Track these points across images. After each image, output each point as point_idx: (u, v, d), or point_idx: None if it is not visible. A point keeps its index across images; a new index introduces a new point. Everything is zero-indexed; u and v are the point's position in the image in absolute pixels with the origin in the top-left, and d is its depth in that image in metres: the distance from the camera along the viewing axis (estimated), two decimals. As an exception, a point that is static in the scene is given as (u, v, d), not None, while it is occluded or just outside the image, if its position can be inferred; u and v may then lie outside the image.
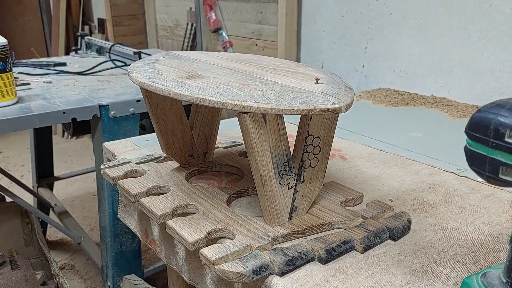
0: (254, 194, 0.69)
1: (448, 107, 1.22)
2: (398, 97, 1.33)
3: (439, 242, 0.59)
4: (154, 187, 0.69)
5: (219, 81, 0.58)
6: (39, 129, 2.02)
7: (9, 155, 3.19)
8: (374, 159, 0.87)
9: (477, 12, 1.22)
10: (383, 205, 0.65)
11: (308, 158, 0.58)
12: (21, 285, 1.30)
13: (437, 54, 1.34)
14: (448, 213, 0.67)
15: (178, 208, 0.63)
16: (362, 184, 0.76)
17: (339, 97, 0.55)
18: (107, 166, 0.77)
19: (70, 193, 2.62)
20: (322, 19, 1.72)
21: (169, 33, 3.03)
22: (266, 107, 0.50)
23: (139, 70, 0.64)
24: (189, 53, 0.80)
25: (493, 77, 1.21)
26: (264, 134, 0.54)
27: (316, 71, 0.69)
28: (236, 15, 2.27)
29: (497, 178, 0.38)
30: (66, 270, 1.95)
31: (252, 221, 0.60)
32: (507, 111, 0.37)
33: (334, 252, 0.55)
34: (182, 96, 0.53)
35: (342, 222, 0.60)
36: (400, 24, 1.43)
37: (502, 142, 0.37)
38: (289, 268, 0.52)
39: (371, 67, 1.56)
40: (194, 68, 0.66)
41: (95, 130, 1.35)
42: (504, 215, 0.66)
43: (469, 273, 0.53)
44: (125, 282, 1.34)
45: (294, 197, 0.59)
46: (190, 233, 0.56)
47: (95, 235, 2.15)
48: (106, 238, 1.41)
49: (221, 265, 0.51)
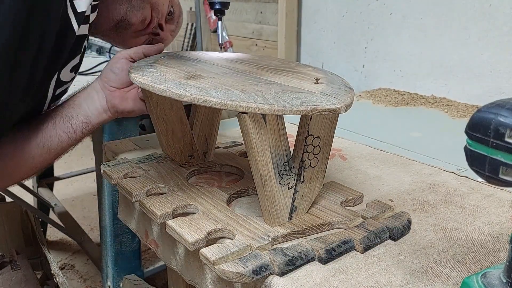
0: (254, 194, 0.69)
1: (448, 107, 1.22)
2: (398, 97, 1.33)
3: (439, 242, 0.59)
4: (154, 187, 0.69)
5: (219, 82, 0.58)
6: (39, 129, 2.01)
7: (9, 155, 3.18)
8: (374, 159, 0.87)
9: (477, 12, 1.22)
10: (383, 205, 0.65)
11: (308, 158, 0.58)
12: (21, 285, 1.30)
13: (437, 54, 1.34)
14: (448, 213, 0.67)
15: (178, 208, 0.63)
16: (362, 184, 0.76)
17: (339, 97, 0.55)
18: (107, 166, 0.77)
19: (70, 193, 2.62)
20: (322, 19, 1.72)
21: (169, 33, 3.03)
22: (266, 107, 0.50)
23: (140, 70, 0.64)
24: (189, 53, 0.80)
25: (493, 77, 1.21)
26: (264, 134, 0.54)
27: (316, 71, 0.69)
28: (236, 15, 2.27)
29: (497, 178, 0.38)
30: (66, 270, 1.95)
31: (252, 221, 0.60)
32: (507, 111, 0.37)
33: (334, 252, 0.55)
34: (182, 96, 0.53)
35: (342, 222, 0.60)
36: (400, 24, 1.43)
37: (502, 142, 0.37)
38: (289, 268, 0.52)
39: (371, 67, 1.56)
40: (194, 68, 0.66)
41: (95, 130, 1.35)
42: (504, 215, 0.66)
43: (469, 273, 0.53)
44: (125, 282, 1.34)
45: (294, 197, 0.59)
46: (190, 233, 0.56)
47: (95, 235, 2.15)
48: (106, 238, 1.41)
49: (221, 265, 0.51)
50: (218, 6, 0.80)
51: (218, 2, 0.80)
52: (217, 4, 0.80)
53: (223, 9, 0.81)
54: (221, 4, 0.80)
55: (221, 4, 0.80)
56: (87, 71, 1.60)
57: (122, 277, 1.40)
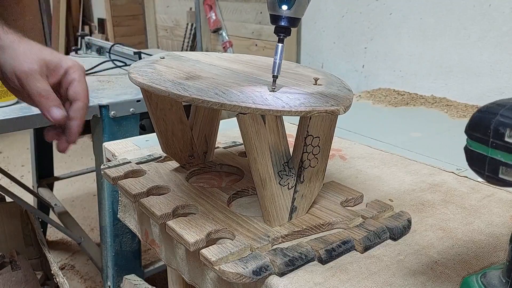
0: (254, 194, 0.69)
1: (448, 107, 1.22)
2: (398, 97, 1.33)
3: (439, 242, 0.59)
4: (154, 187, 0.69)
5: (218, 82, 0.58)
6: (39, 129, 2.02)
7: (9, 155, 3.19)
8: (374, 159, 0.87)
9: (477, 12, 1.22)
10: (383, 205, 0.65)
11: (308, 158, 0.58)
12: (21, 285, 1.30)
13: (437, 54, 1.34)
14: (448, 213, 0.67)
15: (178, 208, 0.63)
16: (362, 184, 0.76)
17: (337, 99, 0.55)
18: (107, 166, 0.77)
19: (70, 193, 2.62)
20: (322, 19, 1.72)
21: (169, 33, 3.04)
22: (264, 108, 0.50)
23: (139, 70, 0.64)
24: (189, 54, 0.80)
25: (493, 77, 1.21)
26: (264, 135, 0.54)
27: (315, 72, 0.69)
28: (236, 15, 2.27)
29: (497, 178, 0.38)
30: (66, 270, 1.95)
31: (252, 221, 0.60)
32: (507, 111, 0.37)
33: (334, 252, 0.55)
34: (181, 97, 0.53)
35: (342, 222, 0.60)
36: (400, 24, 1.43)
37: (502, 142, 0.37)
38: (289, 268, 0.52)
39: (371, 67, 1.56)
40: (193, 69, 0.66)
41: (95, 130, 1.35)
42: (504, 215, 0.66)
43: (469, 273, 0.53)
44: (125, 282, 1.34)
45: (294, 197, 0.59)
46: (190, 234, 0.56)
47: (95, 235, 2.15)
48: (106, 238, 1.41)
49: (221, 266, 0.51)
50: (285, 22, 0.55)
51: (285, 18, 0.55)
52: (283, 20, 0.55)
53: (290, 27, 0.56)
54: (288, 20, 0.55)
55: (288, 20, 0.55)
56: (87, 71, 1.60)
57: (122, 277, 1.40)
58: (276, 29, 0.56)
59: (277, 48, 0.56)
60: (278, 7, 0.54)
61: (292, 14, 0.55)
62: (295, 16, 0.55)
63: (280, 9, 0.54)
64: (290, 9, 0.54)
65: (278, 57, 0.56)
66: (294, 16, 0.55)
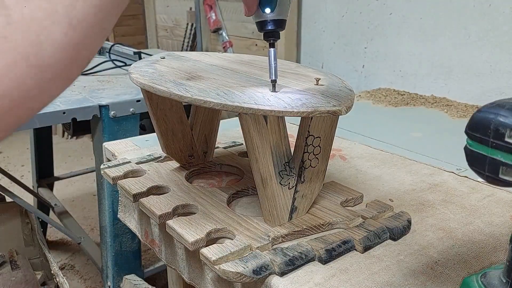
0: (254, 194, 0.69)
1: (448, 107, 1.22)
2: (398, 97, 1.33)
3: (439, 242, 0.59)
4: (154, 187, 0.69)
5: (219, 83, 0.58)
6: (39, 129, 2.02)
7: (9, 155, 3.19)
8: (374, 159, 0.87)
9: (477, 12, 1.22)
10: (383, 205, 0.65)
11: (309, 158, 0.58)
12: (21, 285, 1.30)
13: (437, 54, 1.34)
14: (448, 213, 0.67)
15: (178, 208, 0.63)
16: (362, 184, 0.76)
17: (339, 99, 0.56)
18: (107, 166, 0.77)
19: (70, 193, 2.62)
20: (322, 19, 1.72)
21: (169, 33, 3.04)
22: (266, 109, 0.50)
23: (140, 70, 0.64)
24: (189, 54, 0.80)
25: (493, 77, 1.21)
26: (265, 135, 0.54)
27: (316, 72, 0.69)
28: (236, 15, 2.27)
29: (497, 178, 0.38)
30: (66, 270, 1.95)
31: (252, 221, 0.60)
32: (507, 111, 0.37)
33: (334, 252, 0.55)
34: (182, 97, 0.53)
35: (342, 222, 0.60)
36: (400, 24, 1.43)
37: (502, 142, 0.37)
38: (289, 268, 0.53)
39: (371, 67, 1.56)
40: (194, 69, 0.66)
41: (95, 130, 1.36)
42: (504, 215, 0.66)
43: (469, 273, 0.53)
44: (125, 282, 1.35)
45: (294, 197, 0.59)
46: (190, 233, 0.56)
47: (95, 235, 2.15)
48: (106, 238, 1.41)
49: (221, 265, 0.51)
50: (271, 26, 0.55)
51: (270, 22, 0.55)
52: (269, 23, 0.55)
53: (278, 30, 0.56)
54: (274, 23, 0.55)
55: (274, 23, 0.55)
56: (87, 71, 1.60)
57: (122, 277, 1.40)
58: (265, 35, 0.56)
59: (270, 53, 0.56)
60: (261, 12, 0.55)
61: (277, 16, 0.55)
62: (280, 18, 0.55)
63: (264, 14, 0.55)
64: (273, 11, 0.54)
65: (273, 62, 0.56)
66: (279, 18, 0.55)
